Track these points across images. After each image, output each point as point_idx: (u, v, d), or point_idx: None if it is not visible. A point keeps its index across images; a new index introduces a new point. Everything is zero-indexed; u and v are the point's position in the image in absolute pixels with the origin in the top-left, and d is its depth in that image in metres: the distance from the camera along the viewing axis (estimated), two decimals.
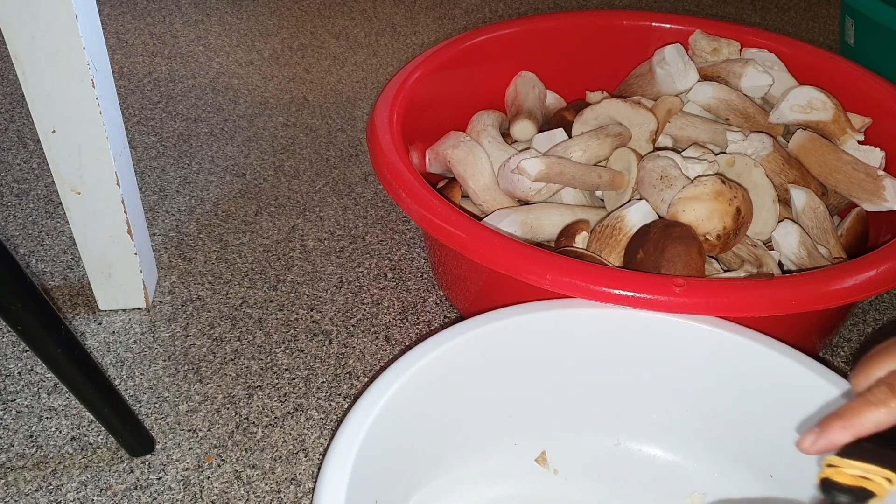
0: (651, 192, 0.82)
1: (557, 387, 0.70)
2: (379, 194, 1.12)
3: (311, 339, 0.89)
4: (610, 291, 0.65)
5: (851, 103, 0.96)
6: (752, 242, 0.82)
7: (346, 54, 1.49)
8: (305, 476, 0.75)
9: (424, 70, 0.97)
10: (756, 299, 0.66)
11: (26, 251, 0.99)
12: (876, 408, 0.42)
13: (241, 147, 1.21)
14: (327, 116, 1.30)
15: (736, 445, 0.69)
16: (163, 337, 0.89)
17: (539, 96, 1.06)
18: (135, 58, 1.44)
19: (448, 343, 0.62)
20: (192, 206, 1.08)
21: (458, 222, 0.73)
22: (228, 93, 1.34)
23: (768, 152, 0.87)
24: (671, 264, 0.73)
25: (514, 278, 0.69)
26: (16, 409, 0.80)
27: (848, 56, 1.30)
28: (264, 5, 1.66)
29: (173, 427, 0.79)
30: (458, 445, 0.69)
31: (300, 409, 0.81)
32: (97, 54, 0.76)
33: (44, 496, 0.72)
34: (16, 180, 1.11)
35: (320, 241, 1.03)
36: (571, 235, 0.81)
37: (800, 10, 1.74)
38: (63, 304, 0.92)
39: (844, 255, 0.86)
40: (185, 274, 0.97)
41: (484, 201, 0.91)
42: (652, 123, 0.92)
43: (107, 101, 0.79)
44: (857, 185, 0.86)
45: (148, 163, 1.17)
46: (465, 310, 0.90)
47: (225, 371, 0.85)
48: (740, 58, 1.03)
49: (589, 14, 1.13)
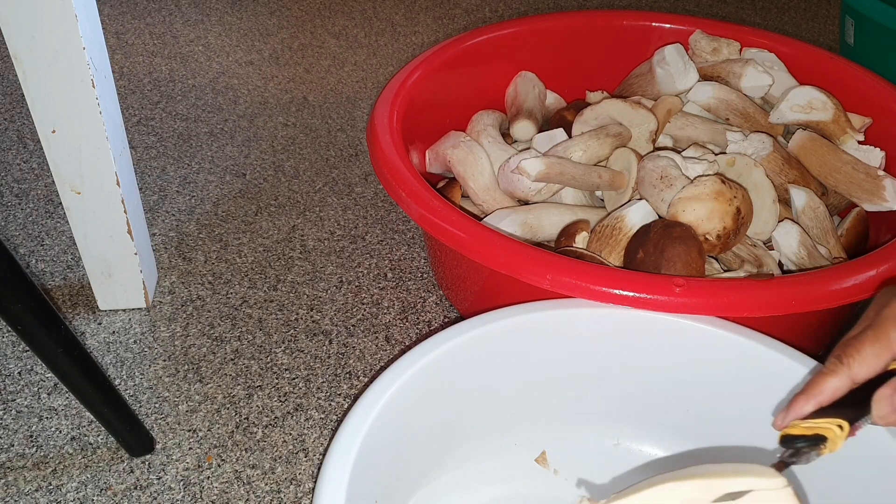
0: (651, 192, 0.82)
1: (557, 387, 0.70)
2: (379, 194, 1.12)
3: (311, 339, 0.89)
4: (610, 291, 0.65)
5: (851, 103, 0.96)
6: (752, 242, 0.82)
7: (346, 54, 1.49)
8: (305, 476, 0.75)
9: (424, 70, 0.97)
10: (756, 299, 0.66)
11: (26, 251, 0.99)
12: (829, 377, 0.47)
13: (241, 147, 1.21)
14: (327, 116, 1.30)
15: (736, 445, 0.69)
16: (163, 337, 0.89)
17: (539, 96, 1.06)
18: (135, 58, 1.44)
19: (448, 343, 0.62)
20: (192, 206, 1.08)
21: (458, 222, 0.73)
22: (228, 93, 1.34)
23: (768, 152, 0.87)
24: (671, 264, 0.73)
25: (514, 278, 0.69)
26: (16, 409, 0.80)
27: (848, 56, 1.30)
28: (264, 5, 1.66)
29: (173, 427, 0.79)
30: (457, 445, 0.69)
31: (300, 409, 0.81)
32: (97, 54, 0.76)
33: (44, 496, 0.72)
34: (16, 180, 1.11)
35: (320, 241, 1.03)
36: (571, 235, 0.81)
37: (800, 10, 1.74)
38: (63, 304, 0.92)
39: (844, 255, 0.86)
40: (185, 274, 0.97)
41: (484, 201, 0.91)
42: (652, 123, 0.92)
43: (107, 101, 0.79)
44: (857, 185, 0.86)
45: (148, 163, 1.17)
46: (465, 310, 0.90)
47: (225, 371, 0.85)
48: (740, 58, 1.03)
49: (589, 14, 1.13)
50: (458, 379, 0.64)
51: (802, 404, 0.48)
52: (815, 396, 0.47)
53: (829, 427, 0.46)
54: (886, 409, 0.45)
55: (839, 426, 0.46)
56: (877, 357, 0.46)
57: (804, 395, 0.48)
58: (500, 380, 0.68)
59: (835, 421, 0.46)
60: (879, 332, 0.47)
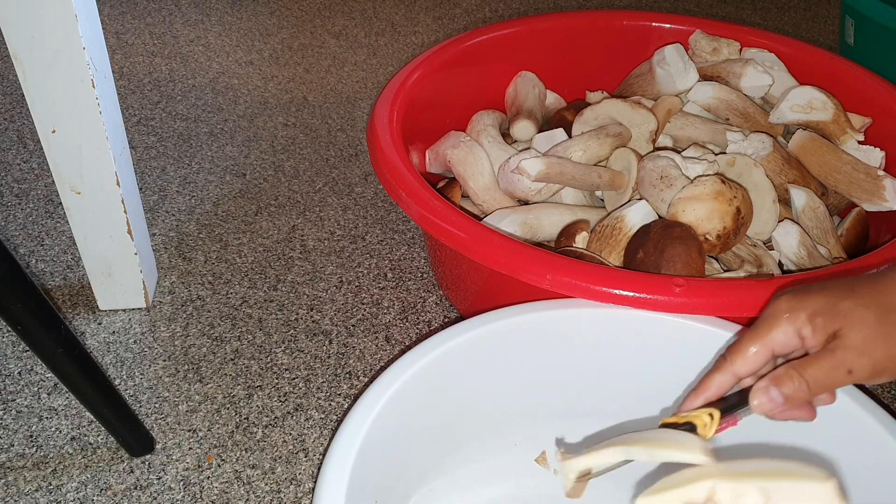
0: (651, 192, 0.82)
1: (557, 387, 0.70)
2: (379, 194, 1.12)
3: (311, 339, 0.89)
4: (610, 291, 0.65)
5: (851, 103, 0.96)
6: (752, 242, 0.82)
7: (346, 54, 1.49)
8: (305, 476, 0.75)
9: (424, 70, 0.96)
10: (756, 299, 0.66)
11: (26, 251, 0.99)
12: (714, 374, 0.51)
13: (241, 147, 1.21)
14: (327, 116, 1.30)
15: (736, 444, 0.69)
16: (163, 337, 0.89)
17: (539, 96, 1.06)
18: (135, 58, 1.44)
19: (448, 343, 0.62)
20: (192, 206, 1.08)
21: (458, 222, 0.73)
22: (228, 93, 1.34)
23: (768, 152, 0.87)
24: (671, 264, 0.73)
25: (514, 278, 0.69)
26: (16, 409, 0.80)
27: (848, 56, 1.30)
28: (264, 5, 1.66)
29: (173, 427, 0.79)
30: (457, 445, 0.69)
31: (300, 409, 0.81)
32: (97, 54, 0.76)
33: (44, 496, 0.72)
34: (16, 180, 1.11)
35: (320, 241, 1.03)
36: (571, 235, 0.81)
37: (800, 10, 1.74)
38: (63, 304, 0.92)
39: (844, 255, 0.86)
40: (185, 274, 0.97)
41: (484, 201, 0.91)
42: (652, 123, 0.92)
43: (107, 101, 0.79)
44: (857, 185, 0.86)
45: (148, 163, 1.17)
46: (465, 310, 0.90)
47: (225, 371, 0.85)
48: (740, 58, 1.03)
49: (589, 14, 1.13)
50: (458, 379, 0.64)
51: (692, 400, 0.52)
52: (702, 392, 0.52)
53: (698, 416, 0.50)
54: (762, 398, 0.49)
55: (710, 415, 0.50)
56: (756, 354, 0.50)
57: (694, 392, 0.52)
58: (500, 380, 0.68)
59: (706, 410, 0.50)
60: (759, 331, 0.50)
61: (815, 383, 0.48)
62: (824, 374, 0.47)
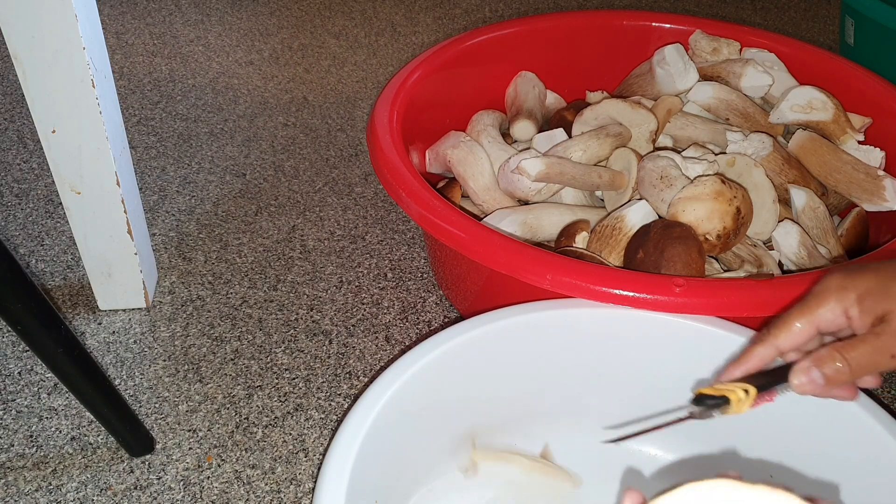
0: (651, 192, 0.82)
1: (557, 387, 0.70)
2: (379, 194, 1.12)
3: (311, 339, 0.89)
4: (610, 291, 0.65)
5: (851, 103, 0.96)
6: (752, 242, 0.82)
7: (346, 54, 1.49)
8: (305, 476, 0.75)
9: (424, 70, 0.96)
10: (756, 299, 0.66)
11: (26, 251, 0.99)
12: (757, 346, 0.51)
13: (241, 147, 1.21)
14: (327, 116, 1.30)
15: (736, 444, 0.69)
16: (163, 337, 0.89)
17: (539, 96, 1.06)
18: (135, 58, 1.44)
19: (448, 343, 0.62)
20: (192, 206, 1.08)
21: (458, 222, 0.73)
22: (228, 93, 1.34)
23: (768, 152, 0.87)
24: (671, 264, 0.73)
25: (514, 278, 0.69)
26: (16, 409, 0.80)
27: (848, 56, 1.30)
28: (264, 5, 1.66)
29: (173, 427, 0.79)
30: (457, 445, 0.69)
31: (300, 409, 0.81)
32: (97, 54, 0.76)
33: (44, 496, 0.72)
34: (16, 180, 1.11)
35: (320, 241, 1.03)
36: (571, 235, 0.81)
37: (800, 10, 1.74)
38: (63, 304, 0.92)
39: (844, 255, 0.86)
40: (185, 274, 0.97)
41: (484, 201, 0.91)
42: (652, 123, 0.92)
43: (107, 101, 0.79)
44: (857, 185, 0.86)
45: (148, 163, 1.17)
46: (465, 310, 0.90)
47: (225, 371, 0.85)
48: (740, 58, 1.03)
49: (589, 14, 1.13)
50: (457, 379, 0.64)
51: (732, 370, 0.51)
52: (743, 363, 0.51)
53: (734, 390, 0.49)
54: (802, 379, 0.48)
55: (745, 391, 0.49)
56: (801, 330, 0.50)
57: (735, 363, 0.51)
58: (501, 379, 0.68)
59: (742, 385, 0.50)
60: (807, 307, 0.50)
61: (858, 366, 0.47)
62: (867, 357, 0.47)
